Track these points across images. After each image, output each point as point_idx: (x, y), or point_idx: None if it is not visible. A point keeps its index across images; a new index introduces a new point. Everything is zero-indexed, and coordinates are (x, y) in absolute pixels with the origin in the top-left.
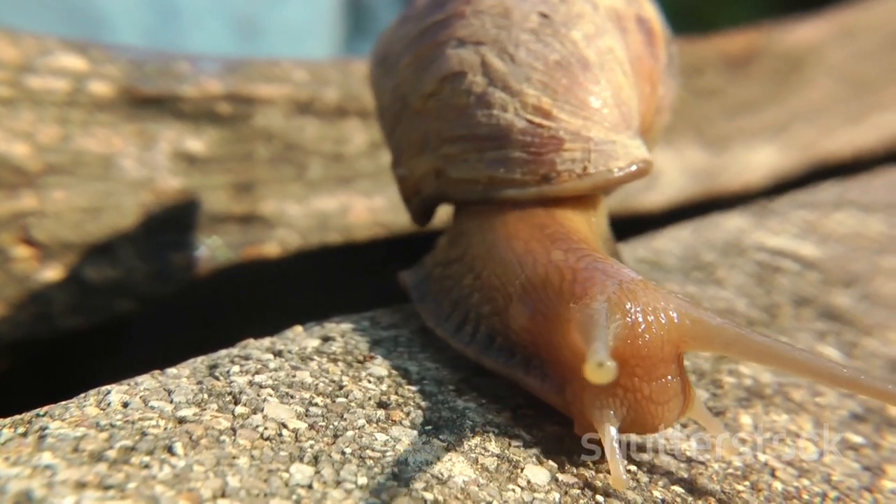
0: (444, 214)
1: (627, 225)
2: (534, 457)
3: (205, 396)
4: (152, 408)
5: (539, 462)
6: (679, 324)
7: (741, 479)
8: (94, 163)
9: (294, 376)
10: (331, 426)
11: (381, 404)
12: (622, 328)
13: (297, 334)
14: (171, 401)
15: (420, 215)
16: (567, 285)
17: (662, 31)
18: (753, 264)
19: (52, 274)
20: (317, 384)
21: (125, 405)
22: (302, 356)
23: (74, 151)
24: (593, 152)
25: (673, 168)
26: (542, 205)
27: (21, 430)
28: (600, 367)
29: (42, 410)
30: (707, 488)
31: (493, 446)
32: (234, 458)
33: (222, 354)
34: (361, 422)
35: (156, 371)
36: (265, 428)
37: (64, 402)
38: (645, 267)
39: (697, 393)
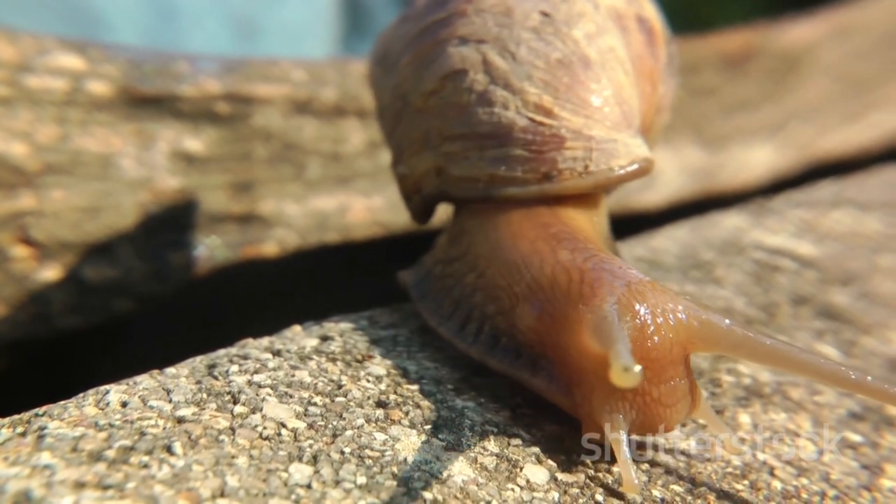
0: (443, 214)
1: (625, 224)
2: (533, 456)
3: (204, 396)
4: (151, 407)
5: (538, 461)
6: (687, 325)
7: (740, 479)
8: (93, 162)
9: (293, 376)
10: (330, 426)
11: (380, 404)
12: (632, 330)
13: (296, 334)
14: (170, 400)
15: (420, 214)
16: (575, 286)
17: (662, 31)
18: (751, 263)
19: (51, 274)
20: (316, 383)
21: (124, 405)
22: (301, 355)
23: (73, 151)
24: (595, 151)
25: (671, 167)
26: (545, 203)
27: (20, 430)
28: (626, 372)
29: (41, 410)
30: (706, 487)
31: (493, 445)
32: (233, 458)
33: (221, 354)
34: (360, 421)
35: (154, 371)
36: (264, 427)
37: (63, 402)
38: (643, 266)
39: (704, 394)
